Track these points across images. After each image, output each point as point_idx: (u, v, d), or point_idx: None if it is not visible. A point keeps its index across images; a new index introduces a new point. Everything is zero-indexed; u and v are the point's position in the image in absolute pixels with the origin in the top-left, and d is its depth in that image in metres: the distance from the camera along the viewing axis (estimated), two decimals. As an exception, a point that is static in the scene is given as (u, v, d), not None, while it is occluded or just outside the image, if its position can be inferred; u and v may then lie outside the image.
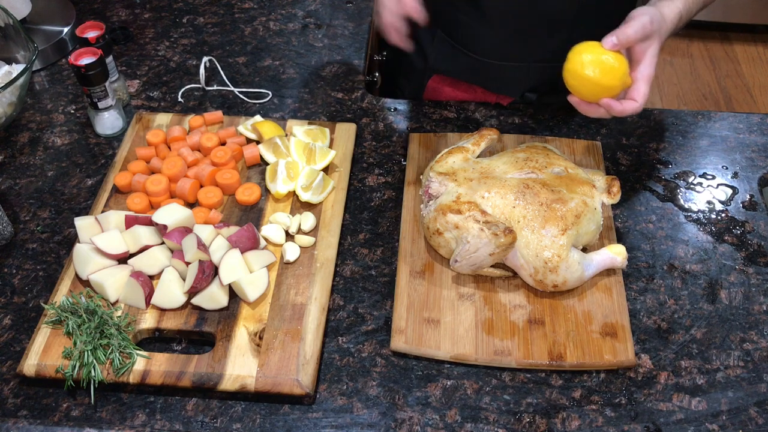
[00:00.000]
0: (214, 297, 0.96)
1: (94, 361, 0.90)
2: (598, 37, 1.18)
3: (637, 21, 0.98)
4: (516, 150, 1.09)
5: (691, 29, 3.15)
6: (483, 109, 1.28)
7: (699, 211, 1.12)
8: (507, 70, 1.26)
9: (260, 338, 0.93)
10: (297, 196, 1.11)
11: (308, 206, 1.10)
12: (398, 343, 0.95)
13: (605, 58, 0.98)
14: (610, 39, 0.99)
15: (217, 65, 1.34)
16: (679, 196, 1.14)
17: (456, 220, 0.98)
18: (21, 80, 1.16)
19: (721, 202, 1.13)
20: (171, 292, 0.96)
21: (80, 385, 0.90)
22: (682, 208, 1.13)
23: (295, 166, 1.12)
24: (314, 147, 1.15)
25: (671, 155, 1.21)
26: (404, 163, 1.19)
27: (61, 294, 0.98)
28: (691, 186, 1.16)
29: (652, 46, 1.00)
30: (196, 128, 1.20)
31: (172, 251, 1.01)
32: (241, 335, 0.94)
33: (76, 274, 1.00)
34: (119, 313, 0.96)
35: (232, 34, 1.45)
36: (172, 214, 1.02)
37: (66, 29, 1.43)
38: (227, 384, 0.90)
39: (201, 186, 1.11)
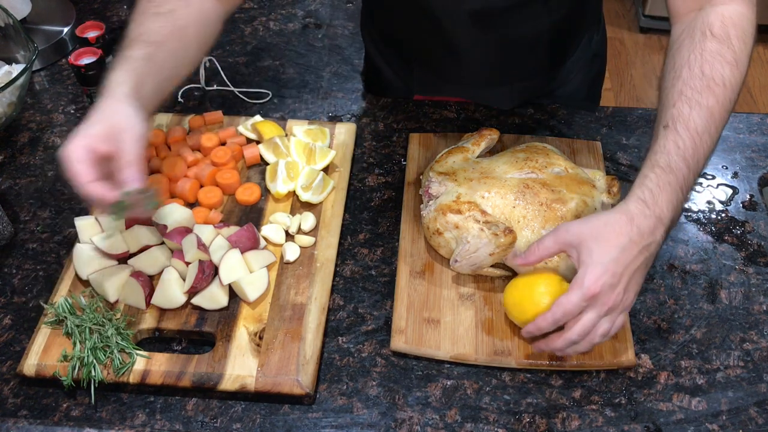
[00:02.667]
0: (214, 297, 0.96)
1: (94, 361, 0.90)
2: (569, 46, 1.17)
3: (547, 237, 0.87)
4: (516, 150, 1.09)
5: (691, 29, 3.14)
6: (483, 109, 1.28)
7: (699, 211, 1.12)
8: (491, 91, 1.26)
9: (260, 338, 0.93)
10: (297, 196, 1.11)
11: (308, 206, 1.10)
12: (398, 343, 0.95)
13: (535, 290, 0.91)
14: (519, 259, 0.90)
15: (217, 65, 1.34)
16: (679, 196, 1.14)
17: (456, 220, 0.98)
18: (21, 80, 1.16)
19: (721, 202, 1.13)
20: (171, 292, 0.96)
21: (80, 385, 0.90)
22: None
23: (295, 166, 1.12)
24: (314, 147, 1.15)
25: (671, 155, 1.20)
26: (404, 163, 1.19)
27: (61, 294, 0.98)
28: (691, 186, 1.16)
29: (581, 251, 0.84)
30: (196, 128, 1.20)
31: (172, 251, 1.01)
32: (241, 335, 0.94)
33: (76, 274, 1.00)
34: (118, 315, 0.96)
35: (232, 34, 1.45)
36: (172, 214, 1.02)
37: (66, 29, 1.43)
38: (227, 384, 0.90)
39: (201, 186, 1.11)
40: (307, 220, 1.07)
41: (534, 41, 1.17)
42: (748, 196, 1.14)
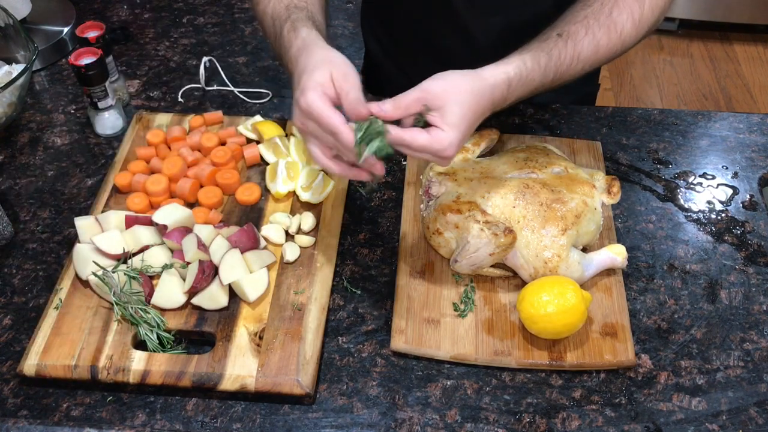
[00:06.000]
0: (214, 297, 0.96)
1: (143, 324, 0.93)
2: None
3: (406, 93, 0.87)
4: (516, 150, 1.09)
5: (691, 29, 3.15)
6: (483, 109, 1.28)
7: (699, 211, 1.12)
8: None
9: (260, 338, 0.93)
10: (297, 196, 1.11)
11: (308, 206, 1.10)
12: (398, 343, 0.95)
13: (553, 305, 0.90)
14: (381, 105, 0.86)
15: (217, 65, 1.34)
16: (679, 196, 1.14)
17: (456, 220, 0.98)
18: (21, 80, 1.16)
19: (721, 202, 1.13)
20: (171, 292, 0.96)
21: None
22: (682, 208, 1.13)
23: (295, 166, 1.12)
24: (314, 147, 1.15)
25: (671, 155, 1.21)
26: (404, 163, 1.19)
27: (60, 296, 0.98)
28: (691, 186, 1.16)
29: (447, 112, 0.86)
30: (196, 128, 1.20)
31: (172, 251, 1.01)
32: (241, 335, 0.94)
33: (76, 274, 1.00)
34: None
35: (232, 34, 1.45)
36: (172, 214, 1.02)
37: (66, 29, 1.43)
38: (227, 384, 0.90)
39: (201, 186, 1.11)
40: (307, 220, 1.07)
41: (541, 25, 1.17)
42: (748, 196, 1.14)
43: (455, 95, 0.87)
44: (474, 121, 0.89)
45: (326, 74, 0.87)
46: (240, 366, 0.91)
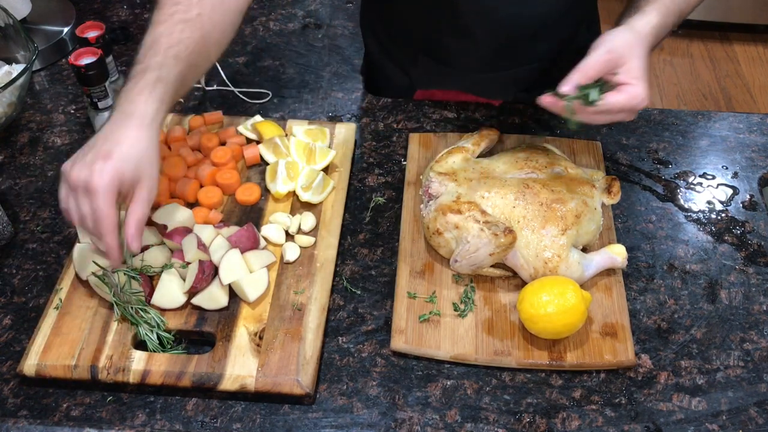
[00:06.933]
0: (214, 297, 0.96)
1: (143, 324, 0.93)
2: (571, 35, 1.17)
3: (593, 56, 0.92)
4: (516, 150, 1.09)
5: (691, 29, 3.15)
6: (483, 109, 1.28)
7: (699, 211, 1.12)
8: (496, 78, 1.26)
9: (260, 338, 0.93)
10: (297, 196, 1.11)
11: (308, 206, 1.10)
12: (398, 343, 0.95)
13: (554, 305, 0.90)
14: (565, 86, 0.92)
15: (217, 65, 1.34)
16: (679, 196, 1.14)
17: (456, 220, 0.98)
18: (21, 80, 1.16)
19: (721, 202, 1.13)
20: (171, 292, 0.96)
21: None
22: (682, 208, 1.13)
23: (295, 166, 1.12)
24: (314, 147, 1.15)
25: (671, 155, 1.21)
26: (404, 163, 1.19)
27: (60, 296, 0.98)
28: (691, 186, 1.16)
29: (631, 67, 0.92)
30: (196, 128, 1.20)
31: (172, 251, 1.01)
32: (241, 335, 0.94)
33: (76, 274, 1.00)
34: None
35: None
36: (172, 214, 1.03)
37: (66, 29, 1.43)
38: (227, 384, 0.90)
39: (201, 186, 1.11)
40: (307, 220, 1.07)
41: (539, 23, 1.17)
42: (748, 196, 1.14)
43: (632, 50, 0.93)
44: (647, 70, 0.94)
45: (131, 166, 0.86)
46: (240, 366, 0.91)
